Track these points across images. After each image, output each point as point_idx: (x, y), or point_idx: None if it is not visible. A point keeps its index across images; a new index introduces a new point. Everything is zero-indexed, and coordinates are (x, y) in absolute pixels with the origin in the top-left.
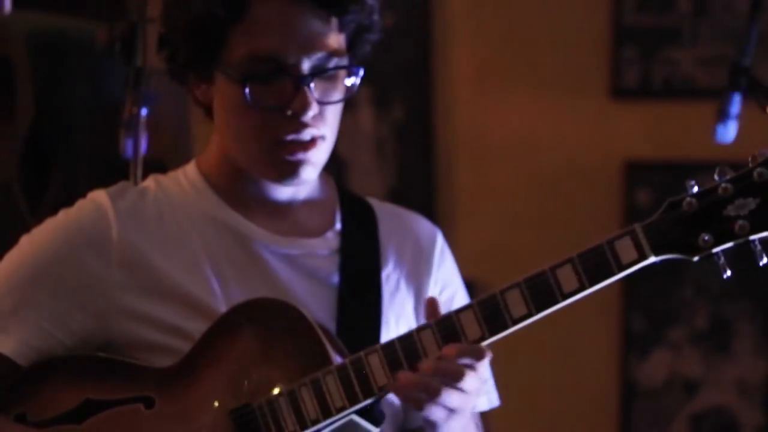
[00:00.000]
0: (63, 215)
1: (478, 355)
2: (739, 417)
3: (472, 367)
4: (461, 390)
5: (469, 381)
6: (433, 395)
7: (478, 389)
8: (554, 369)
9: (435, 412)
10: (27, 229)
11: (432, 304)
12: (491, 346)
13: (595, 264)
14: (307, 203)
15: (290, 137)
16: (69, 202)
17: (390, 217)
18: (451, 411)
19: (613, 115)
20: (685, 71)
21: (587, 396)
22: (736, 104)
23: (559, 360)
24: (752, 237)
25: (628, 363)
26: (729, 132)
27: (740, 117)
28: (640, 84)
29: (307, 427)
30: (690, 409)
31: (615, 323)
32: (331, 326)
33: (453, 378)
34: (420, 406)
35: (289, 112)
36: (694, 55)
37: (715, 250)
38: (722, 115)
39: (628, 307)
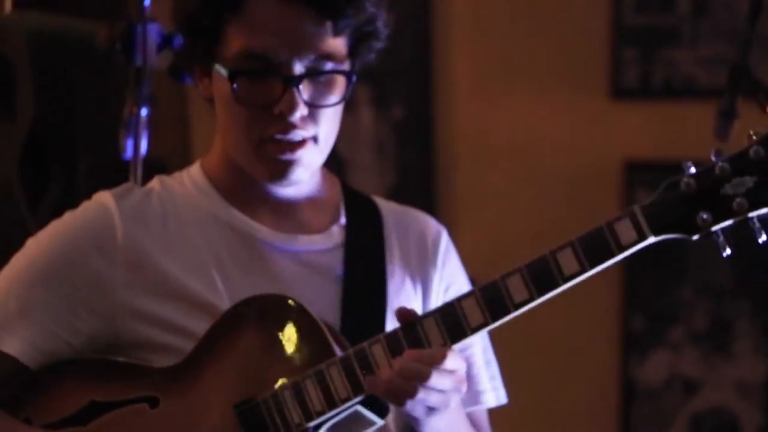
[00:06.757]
0: (68, 217)
1: (434, 361)
2: (739, 417)
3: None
4: (433, 389)
5: (440, 380)
6: (408, 392)
7: (456, 388)
8: (554, 369)
9: (414, 408)
10: (27, 228)
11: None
12: (493, 343)
13: (594, 246)
14: (311, 201)
15: (277, 136)
16: (69, 201)
17: (395, 214)
18: (430, 409)
19: (613, 115)
20: (685, 71)
21: (587, 396)
22: (735, 104)
23: (559, 360)
24: (751, 214)
25: (628, 363)
26: (728, 132)
27: (740, 117)
28: (640, 84)
29: (312, 419)
30: (690, 409)
31: (615, 323)
32: (336, 320)
33: (420, 378)
34: (399, 402)
35: (276, 112)
36: (694, 55)
37: (714, 228)
38: (722, 115)
39: (628, 307)
